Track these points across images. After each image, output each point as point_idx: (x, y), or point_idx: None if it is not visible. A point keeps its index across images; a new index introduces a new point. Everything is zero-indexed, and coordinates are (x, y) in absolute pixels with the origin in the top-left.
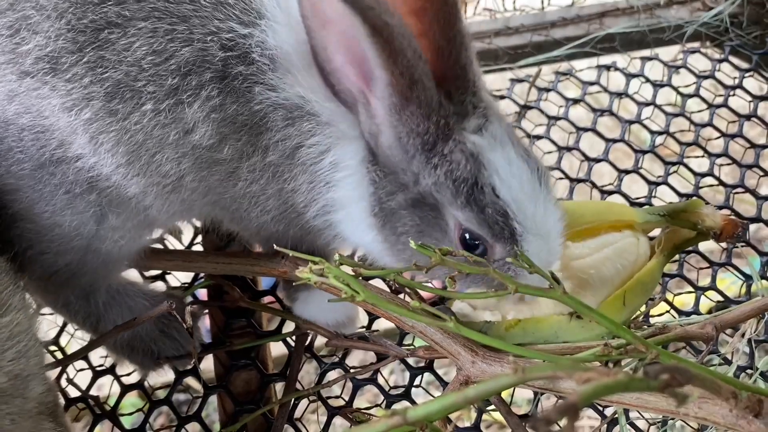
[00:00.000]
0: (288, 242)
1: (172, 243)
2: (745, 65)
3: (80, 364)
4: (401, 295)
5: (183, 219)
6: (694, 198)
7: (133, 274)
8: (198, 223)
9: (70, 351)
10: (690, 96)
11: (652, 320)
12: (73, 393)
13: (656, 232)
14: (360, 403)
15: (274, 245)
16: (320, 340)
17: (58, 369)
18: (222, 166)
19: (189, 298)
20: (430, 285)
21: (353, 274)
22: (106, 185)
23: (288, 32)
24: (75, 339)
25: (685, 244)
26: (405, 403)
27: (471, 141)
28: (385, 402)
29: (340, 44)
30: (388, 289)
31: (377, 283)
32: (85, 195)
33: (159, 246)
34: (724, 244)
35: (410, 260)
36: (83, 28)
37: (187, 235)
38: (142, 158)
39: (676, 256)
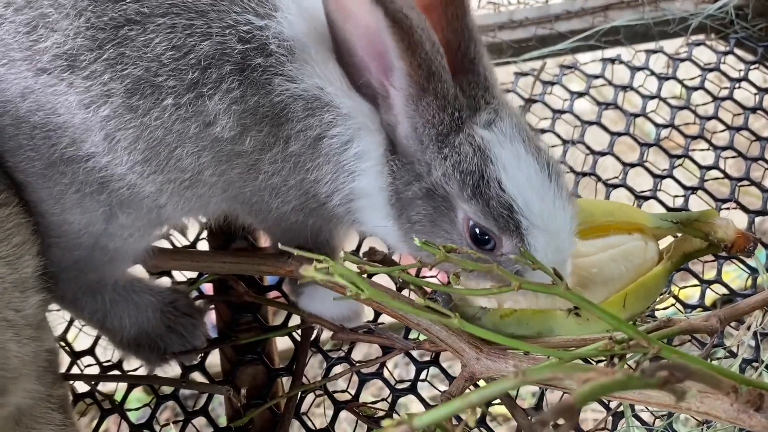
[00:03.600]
0: (307, 232)
1: (178, 238)
2: (750, 57)
3: (88, 359)
4: (405, 291)
5: (196, 216)
6: (709, 209)
7: (139, 270)
8: (204, 220)
9: (78, 345)
10: (695, 89)
11: (656, 313)
12: (81, 388)
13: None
14: (365, 396)
15: (279, 245)
16: (326, 334)
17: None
18: (243, 158)
19: (195, 293)
20: (436, 281)
21: (358, 271)
22: (119, 186)
23: (303, 23)
24: (83, 333)
25: (695, 254)
26: (411, 397)
27: (479, 135)
28: (390, 396)
29: (362, 37)
30: (394, 285)
31: (387, 280)
32: (95, 195)
33: (166, 245)
34: None
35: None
36: (103, 26)
37: (192, 230)
38: (160, 154)
39: None
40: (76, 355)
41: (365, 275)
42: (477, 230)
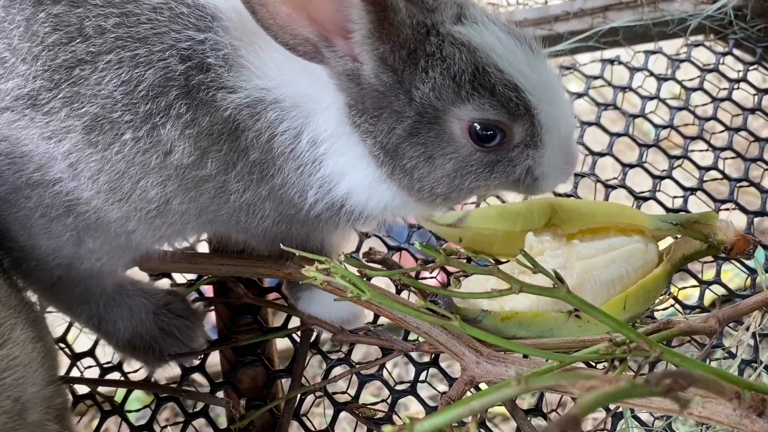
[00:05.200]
0: (293, 242)
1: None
2: (749, 58)
3: (88, 361)
4: (404, 294)
5: (175, 241)
6: (709, 210)
7: (136, 272)
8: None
9: (78, 346)
10: (694, 89)
11: (656, 314)
12: (81, 390)
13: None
14: (364, 396)
15: (281, 245)
16: (326, 335)
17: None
18: (209, 183)
19: (194, 295)
20: (436, 284)
21: (358, 273)
22: (85, 209)
23: (236, 28)
24: (84, 335)
25: (695, 256)
26: (410, 398)
27: (456, 31)
28: (390, 397)
29: None
30: (393, 288)
31: (386, 282)
32: (61, 219)
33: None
34: None
35: (436, 196)
36: (57, 68)
37: None
38: (125, 186)
39: None
40: (76, 357)
41: (365, 277)
42: (478, 128)
